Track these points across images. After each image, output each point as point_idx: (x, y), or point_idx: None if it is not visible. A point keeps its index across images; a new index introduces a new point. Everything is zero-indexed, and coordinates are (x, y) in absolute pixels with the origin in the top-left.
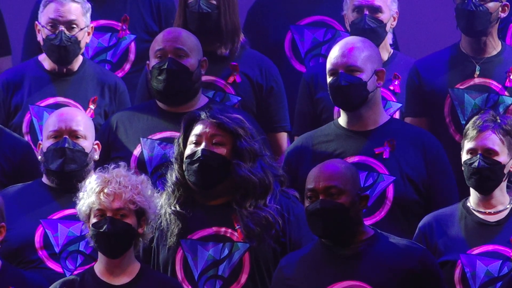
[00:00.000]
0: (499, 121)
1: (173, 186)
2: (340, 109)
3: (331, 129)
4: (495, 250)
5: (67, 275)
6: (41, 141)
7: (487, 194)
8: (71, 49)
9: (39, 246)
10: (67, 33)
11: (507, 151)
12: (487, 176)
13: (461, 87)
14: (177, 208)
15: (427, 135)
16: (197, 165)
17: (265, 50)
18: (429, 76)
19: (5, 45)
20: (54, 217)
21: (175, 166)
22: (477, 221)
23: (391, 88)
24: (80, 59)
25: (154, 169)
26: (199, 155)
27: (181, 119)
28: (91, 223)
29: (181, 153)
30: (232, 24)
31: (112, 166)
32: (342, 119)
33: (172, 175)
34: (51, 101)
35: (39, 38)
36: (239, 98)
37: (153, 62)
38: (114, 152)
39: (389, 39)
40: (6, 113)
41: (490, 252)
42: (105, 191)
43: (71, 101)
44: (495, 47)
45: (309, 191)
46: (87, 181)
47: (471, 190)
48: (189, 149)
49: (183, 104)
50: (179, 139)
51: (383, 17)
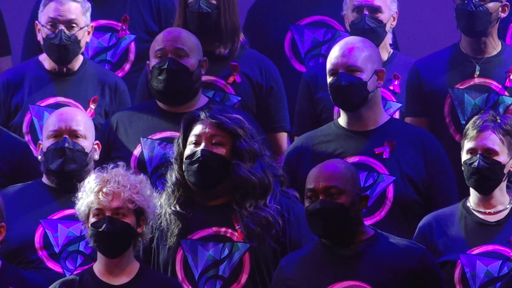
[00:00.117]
0: (499, 121)
1: (173, 186)
2: (340, 109)
3: (331, 129)
4: (495, 250)
5: (67, 275)
6: (41, 141)
7: (487, 194)
8: (71, 48)
9: (39, 246)
10: (67, 32)
11: (507, 151)
12: (487, 176)
13: (461, 87)
14: (177, 208)
15: (427, 135)
16: (197, 165)
17: (265, 50)
18: (429, 76)
19: (5, 45)
20: (54, 217)
21: (175, 166)
22: (477, 221)
23: (391, 88)
24: (80, 59)
25: (154, 169)
26: (199, 155)
27: (181, 119)
28: (90, 223)
29: (181, 153)
30: (232, 24)
31: (111, 166)
32: (342, 119)
33: (172, 175)
34: (51, 101)
35: (39, 37)
36: (239, 98)
37: (153, 62)
38: (114, 152)
39: (389, 39)
40: (6, 113)
41: (490, 252)
42: (104, 190)
43: (72, 101)
44: (495, 47)
45: (309, 191)
46: (86, 181)
47: (471, 190)
48: (188, 150)
49: (183, 104)
50: (179, 139)
51: (383, 17)
